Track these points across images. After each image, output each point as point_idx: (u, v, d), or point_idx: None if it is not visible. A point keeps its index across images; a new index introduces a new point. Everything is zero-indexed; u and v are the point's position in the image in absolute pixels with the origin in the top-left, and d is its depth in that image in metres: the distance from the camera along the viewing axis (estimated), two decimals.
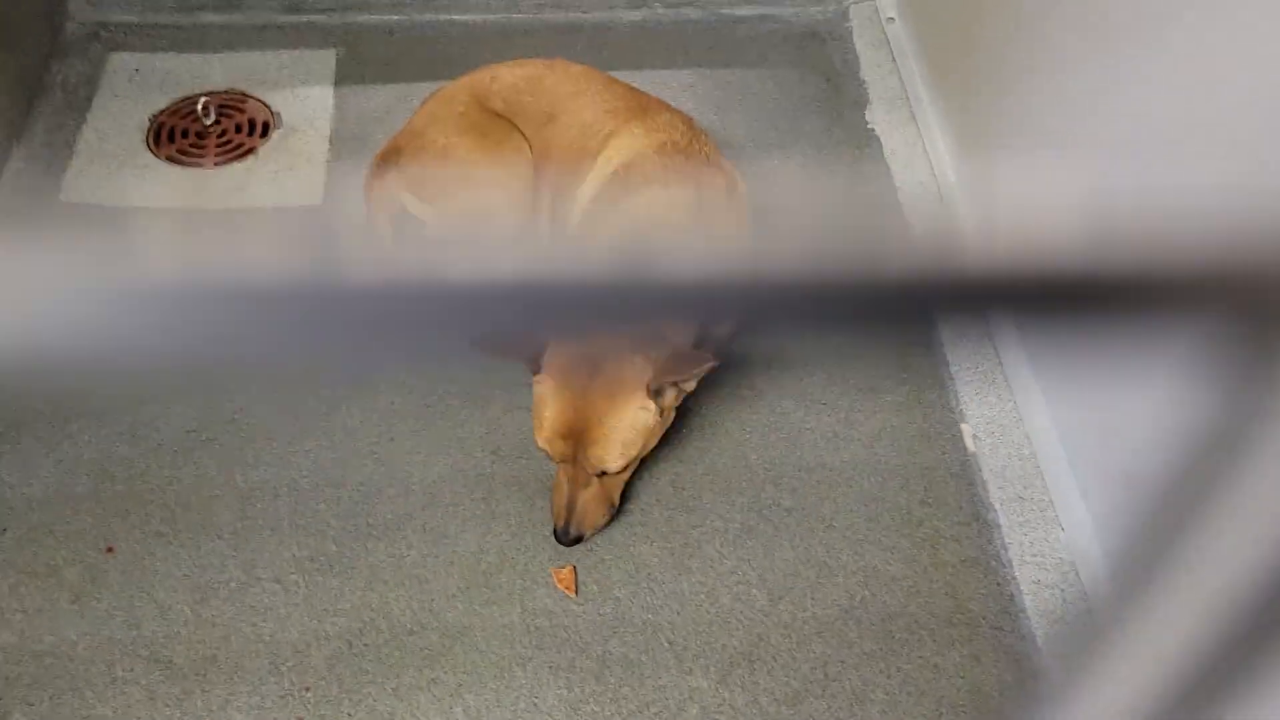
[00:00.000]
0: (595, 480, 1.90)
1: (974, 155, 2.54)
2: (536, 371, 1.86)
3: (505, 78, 2.33)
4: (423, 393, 2.22)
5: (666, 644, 1.89)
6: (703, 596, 1.95)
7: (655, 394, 1.86)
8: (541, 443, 1.87)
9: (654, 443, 1.93)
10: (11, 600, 1.90)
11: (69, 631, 1.87)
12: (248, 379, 2.21)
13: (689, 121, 2.24)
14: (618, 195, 2.08)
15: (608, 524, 1.98)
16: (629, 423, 1.84)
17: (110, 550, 1.97)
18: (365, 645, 1.87)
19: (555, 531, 1.93)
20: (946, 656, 1.89)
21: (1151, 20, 1.78)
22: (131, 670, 1.83)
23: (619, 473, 1.91)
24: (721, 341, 2.17)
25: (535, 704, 1.81)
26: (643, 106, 2.24)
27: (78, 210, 2.50)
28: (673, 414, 1.95)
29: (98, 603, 1.91)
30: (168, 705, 1.79)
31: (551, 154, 2.26)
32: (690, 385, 1.93)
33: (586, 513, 1.91)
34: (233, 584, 1.94)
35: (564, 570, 1.96)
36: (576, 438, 1.84)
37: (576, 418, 1.83)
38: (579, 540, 1.93)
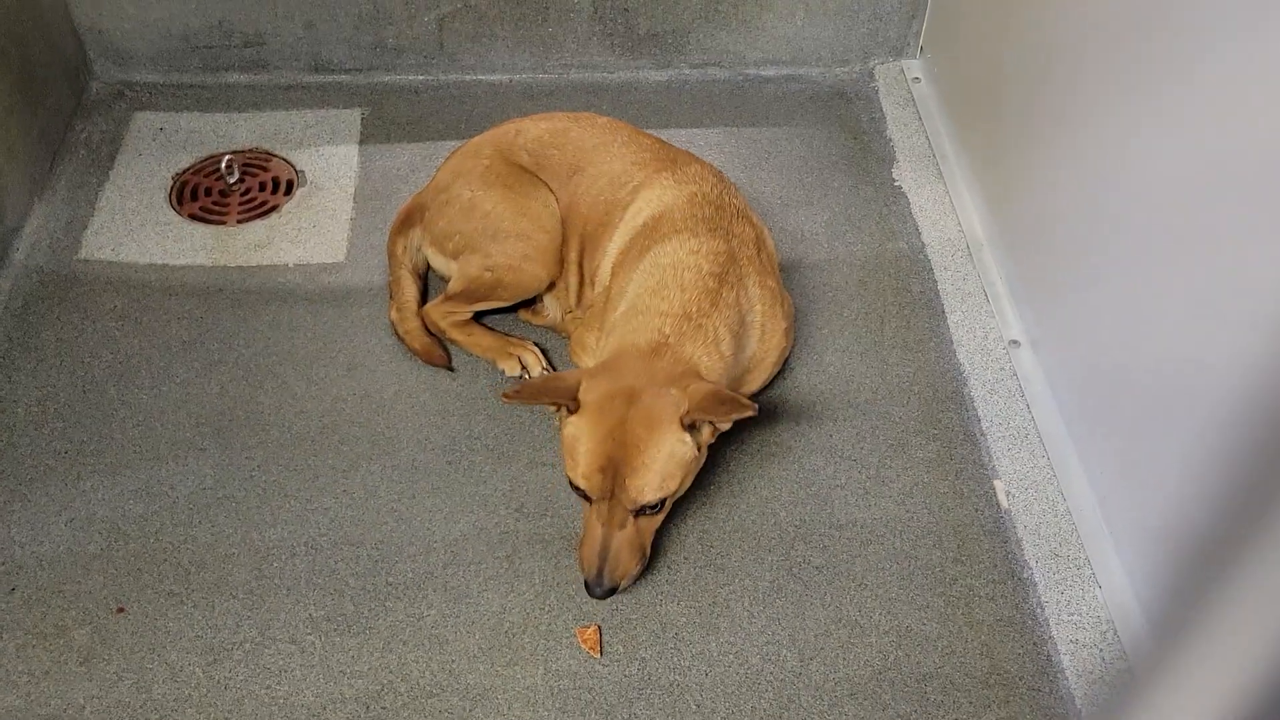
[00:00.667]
0: (630, 522, 1.84)
1: (1001, 211, 2.52)
2: (573, 410, 1.82)
3: (530, 131, 2.32)
4: (444, 449, 2.17)
5: (694, 706, 1.82)
6: (731, 657, 1.88)
7: (690, 429, 1.81)
8: (579, 479, 1.81)
9: (689, 481, 1.88)
10: (18, 662, 1.85)
11: (76, 694, 1.82)
12: (265, 435, 2.18)
13: (718, 174, 2.22)
14: (648, 246, 2.05)
15: (640, 576, 1.92)
16: (667, 453, 1.79)
17: (121, 610, 1.93)
18: (383, 708, 1.81)
19: (587, 584, 1.86)
20: (983, 718, 1.82)
21: (1177, 71, 1.76)
22: None
23: (655, 512, 1.86)
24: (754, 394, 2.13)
25: None
26: (671, 158, 2.23)
27: (96, 267, 2.50)
28: (705, 453, 1.90)
29: (107, 665, 1.85)
30: None
31: (579, 207, 2.24)
32: (726, 425, 1.88)
33: (620, 560, 1.84)
34: (247, 645, 1.88)
35: (588, 630, 1.90)
36: (615, 470, 1.79)
37: (615, 448, 1.78)
38: (613, 592, 1.86)
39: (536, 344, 2.33)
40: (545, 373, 2.28)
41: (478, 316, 2.35)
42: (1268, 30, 1.54)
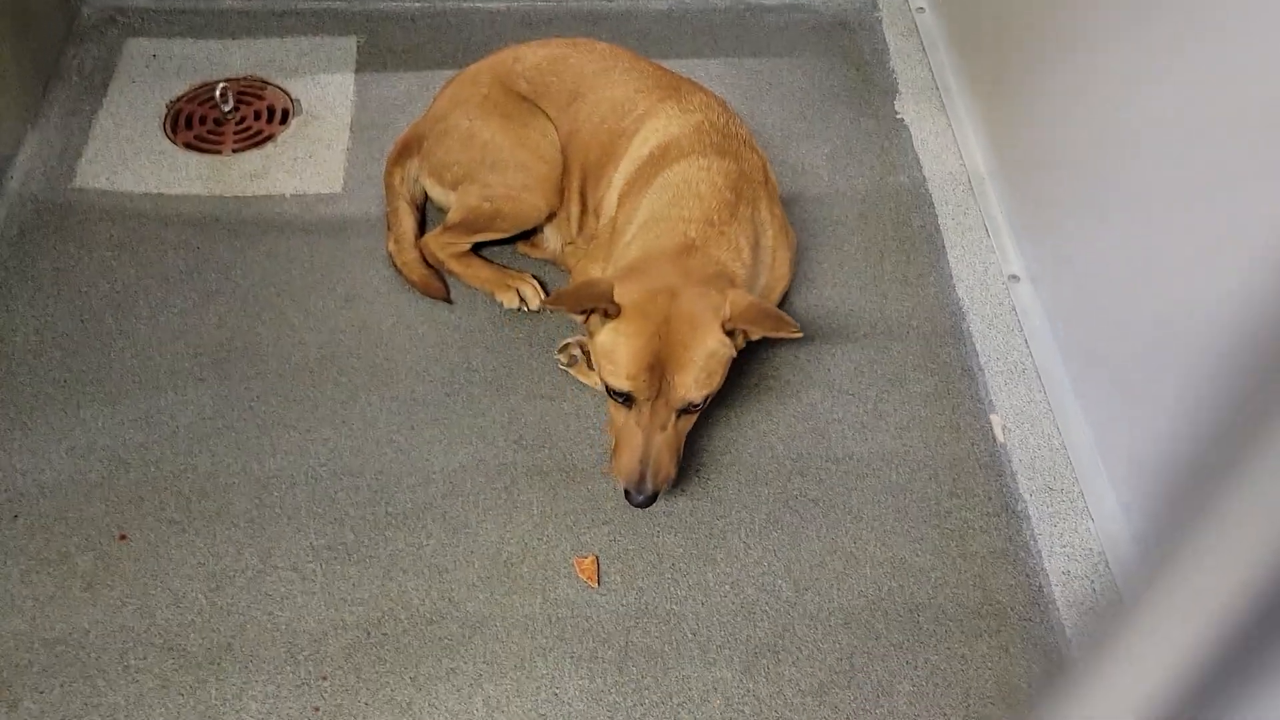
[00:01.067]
0: (672, 423, 1.83)
1: (1004, 145, 2.50)
2: (614, 314, 1.79)
3: (529, 58, 2.29)
4: (443, 381, 2.18)
5: (690, 634, 1.85)
6: (727, 587, 1.91)
7: (729, 335, 1.81)
8: (623, 381, 1.79)
9: (720, 385, 1.86)
10: (23, 587, 1.87)
11: (80, 619, 1.84)
12: (264, 366, 2.18)
13: (723, 102, 2.20)
14: (656, 172, 2.03)
15: (675, 482, 1.91)
16: (711, 350, 1.79)
17: (123, 538, 1.94)
18: (384, 635, 1.83)
19: (628, 492, 1.84)
20: (974, 648, 1.84)
21: (1187, 7, 1.74)
22: (144, 659, 1.80)
23: (696, 410, 1.85)
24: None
25: (556, 694, 1.77)
26: (675, 85, 2.20)
27: (92, 196, 2.48)
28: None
29: (110, 590, 1.87)
30: (181, 694, 1.76)
31: (580, 135, 2.21)
32: (756, 335, 1.87)
33: (661, 463, 1.83)
34: (249, 572, 1.90)
35: (586, 560, 1.92)
36: (661, 369, 1.78)
37: (661, 346, 1.77)
38: (654, 499, 1.84)
39: (535, 277, 2.32)
40: (544, 301, 2.28)
41: (476, 249, 2.34)
42: None
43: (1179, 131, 1.77)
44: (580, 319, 1.89)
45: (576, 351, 2.16)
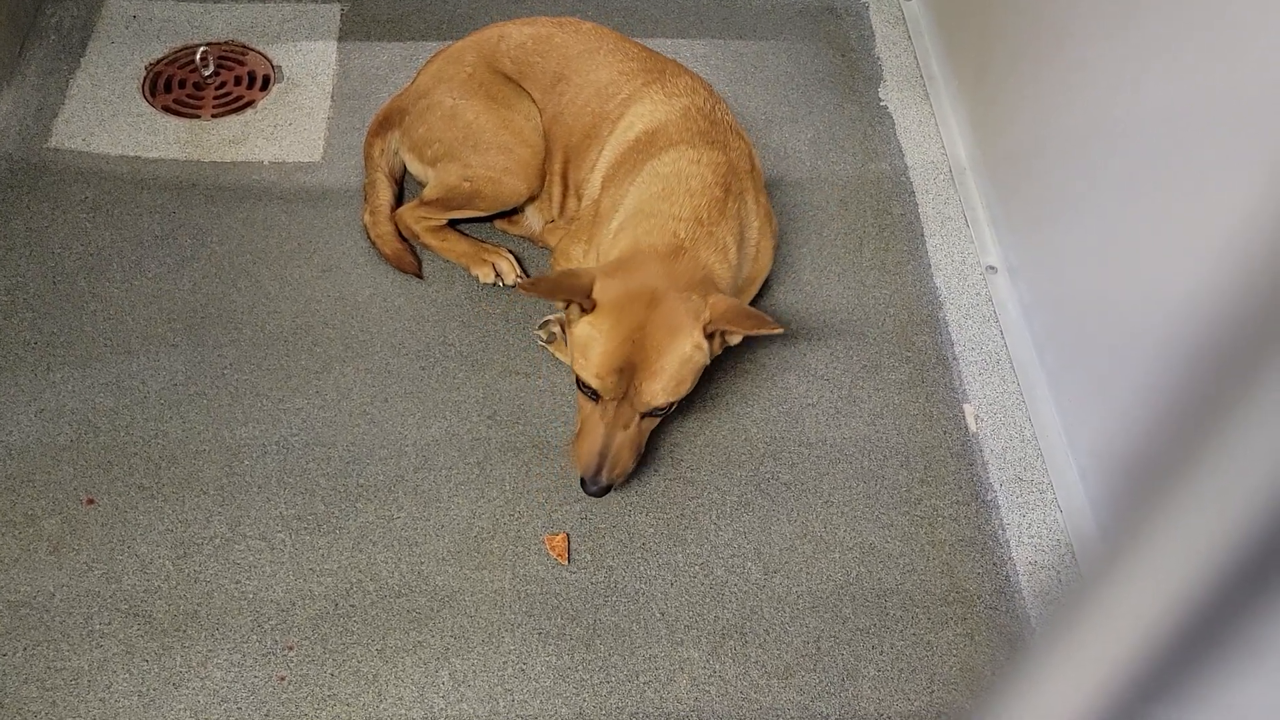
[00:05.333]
0: (635, 423, 1.84)
1: (986, 136, 2.50)
2: (589, 309, 1.79)
3: (514, 36, 2.27)
4: (418, 354, 2.17)
5: (658, 614, 1.85)
6: (697, 568, 1.91)
7: (708, 337, 1.81)
8: (590, 379, 1.79)
9: (688, 392, 1.87)
10: None
11: (46, 582, 1.83)
12: (238, 333, 2.17)
13: (708, 86, 2.19)
14: (644, 159, 2.02)
15: (633, 474, 1.93)
16: (684, 358, 1.79)
17: (91, 502, 1.93)
18: (351, 606, 1.83)
19: (583, 480, 1.85)
20: (940, 634, 1.86)
21: (1173, 7, 1.74)
22: (109, 624, 1.79)
23: (662, 414, 1.86)
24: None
25: (523, 670, 1.77)
26: (660, 69, 2.19)
27: (67, 157, 2.45)
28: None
29: (76, 554, 1.86)
30: (145, 660, 1.75)
31: (564, 117, 2.20)
32: (735, 340, 1.88)
33: (620, 458, 1.84)
34: (217, 540, 1.89)
35: (557, 538, 1.92)
36: (631, 372, 1.78)
37: (634, 350, 1.76)
38: (608, 490, 1.86)
39: (511, 251, 2.31)
40: (520, 279, 2.27)
41: (453, 223, 2.33)
42: None
43: (1158, 129, 1.78)
44: (560, 305, 1.88)
45: (556, 329, 2.16)
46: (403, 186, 2.41)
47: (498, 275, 2.27)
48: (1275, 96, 1.49)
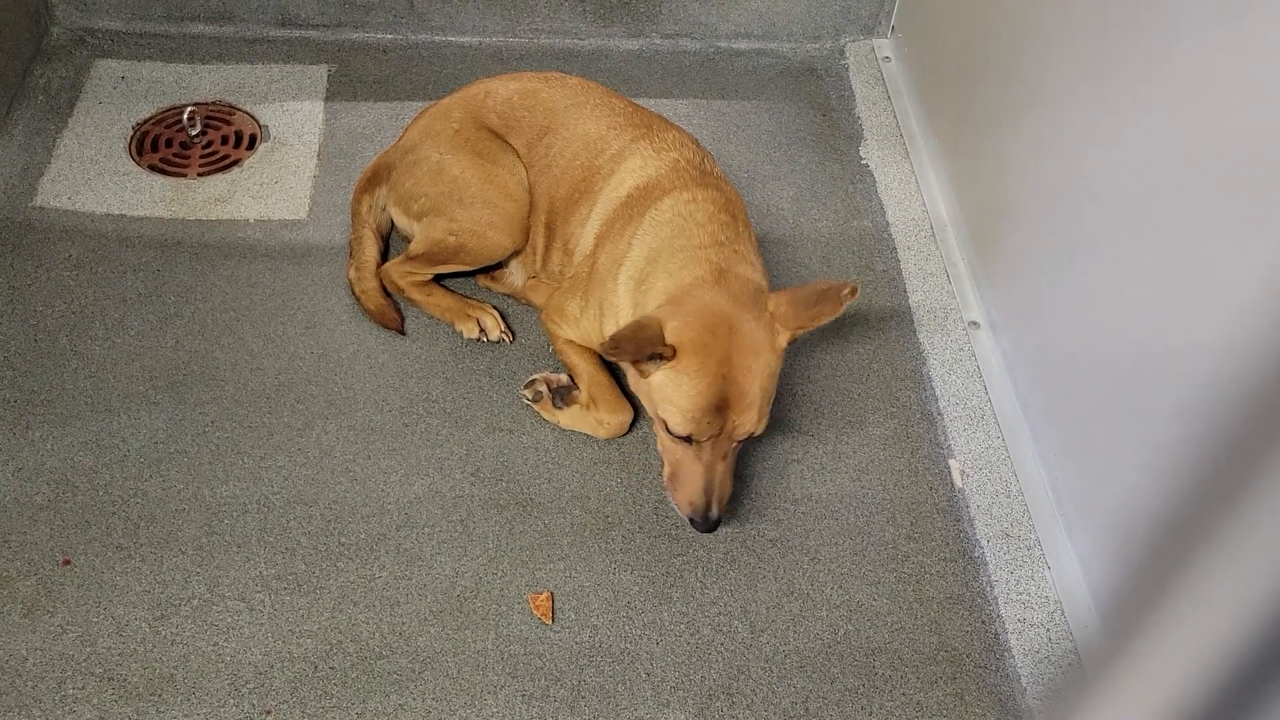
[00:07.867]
0: (731, 451, 1.83)
1: (966, 193, 2.53)
2: (670, 356, 1.75)
3: (500, 92, 2.29)
4: (401, 411, 2.16)
5: (644, 675, 1.82)
6: (682, 627, 1.89)
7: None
8: (686, 425, 1.76)
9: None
10: None
11: (19, 646, 1.79)
12: (220, 390, 2.15)
13: (695, 140, 2.21)
14: (641, 211, 2.02)
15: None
16: (770, 374, 1.78)
17: (67, 562, 1.90)
18: (331, 668, 1.80)
19: (693, 521, 1.83)
20: (929, 694, 1.84)
21: (1147, 60, 1.77)
22: (83, 688, 1.75)
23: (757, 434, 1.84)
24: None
25: None
26: (648, 123, 2.20)
27: (52, 215, 2.45)
28: None
29: (51, 617, 1.83)
30: None
31: (551, 170, 2.21)
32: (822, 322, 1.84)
33: (725, 488, 1.84)
34: (195, 601, 1.87)
35: (541, 597, 1.90)
36: (726, 408, 1.75)
37: (726, 385, 1.74)
38: (720, 522, 1.84)
39: (495, 308, 2.31)
40: (505, 335, 2.27)
41: (438, 279, 2.33)
42: (1237, 20, 1.54)
43: (1137, 184, 1.79)
44: (625, 365, 1.86)
45: (542, 388, 2.15)
46: (389, 244, 2.42)
47: (482, 330, 2.27)
48: (1247, 149, 1.51)
